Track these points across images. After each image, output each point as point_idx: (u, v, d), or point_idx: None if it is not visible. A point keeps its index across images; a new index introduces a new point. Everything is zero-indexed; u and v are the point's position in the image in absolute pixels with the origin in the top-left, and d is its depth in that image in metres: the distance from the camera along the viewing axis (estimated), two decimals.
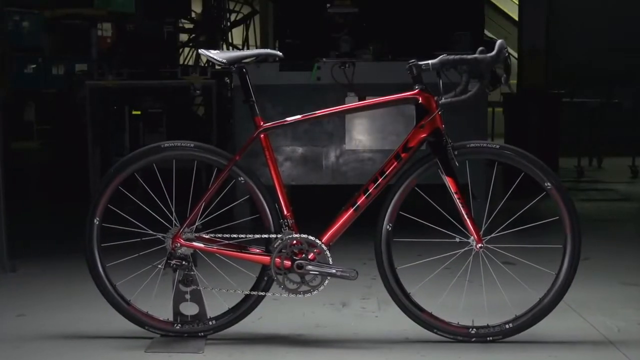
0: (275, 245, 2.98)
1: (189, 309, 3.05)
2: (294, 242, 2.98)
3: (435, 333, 3.04)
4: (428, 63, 2.89)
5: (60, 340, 3.12)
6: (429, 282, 3.24)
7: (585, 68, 10.05)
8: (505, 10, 14.74)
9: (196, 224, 3.01)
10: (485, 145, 3.05)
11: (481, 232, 2.99)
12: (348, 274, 2.98)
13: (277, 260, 2.97)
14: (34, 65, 7.53)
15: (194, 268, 3.01)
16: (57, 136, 7.16)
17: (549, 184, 2.97)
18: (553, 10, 9.81)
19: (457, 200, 2.94)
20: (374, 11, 6.46)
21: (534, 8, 8.42)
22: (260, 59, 5.23)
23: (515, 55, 8.44)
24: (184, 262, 2.99)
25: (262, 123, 3.01)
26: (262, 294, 3.05)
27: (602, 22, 10.19)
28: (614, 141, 8.92)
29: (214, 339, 3.07)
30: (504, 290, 3.22)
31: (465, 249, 3.00)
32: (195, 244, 3.01)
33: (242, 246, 3.04)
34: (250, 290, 3.06)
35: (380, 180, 2.99)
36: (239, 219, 3.49)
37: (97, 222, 3.04)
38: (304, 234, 2.99)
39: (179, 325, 3.07)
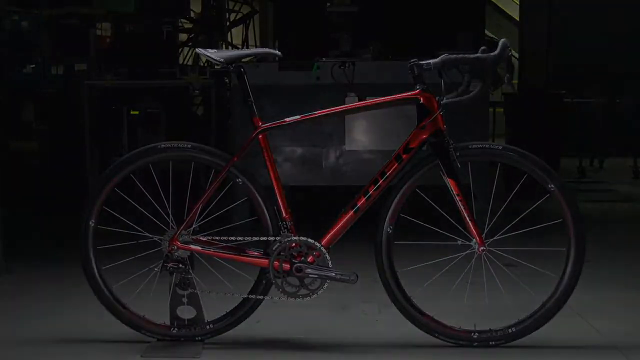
0: (273, 248, 2.94)
1: (186, 312, 3.01)
2: (293, 244, 2.94)
3: (437, 337, 3.00)
4: (430, 62, 2.85)
5: (56, 344, 3.09)
6: (430, 286, 3.20)
7: (586, 68, 10.01)
8: (506, 10, 14.70)
9: (193, 226, 2.97)
10: (487, 146, 3.01)
11: (483, 235, 2.95)
12: (348, 277, 2.93)
13: (276, 263, 2.93)
14: (33, 65, 7.49)
15: (191, 271, 2.97)
16: (54, 136, 7.13)
17: (552, 185, 2.93)
18: (553, 10, 9.77)
19: (459, 202, 2.90)
20: (374, 10, 6.42)
21: (534, 8, 8.40)
22: (259, 58, 5.20)
23: (516, 55, 8.41)
24: (181, 265, 2.95)
25: (260, 123, 2.97)
26: (261, 297, 3.00)
27: (603, 22, 10.15)
28: (616, 141, 8.89)
29: (212, 343, 3.03)
30: (506, 294, 3.18)
31: (467, 251, 2.96)
32: (192, 246, 2.96)
33: (240, 249, 3.00)
34: (249, 293, 3.01)
35: (381, 181, 2.94)
36: (237, 220, 3.44)
37: (93, 224, 3.00)
38: (303, 236, 2.95)
39: (176, 329, 3.03)
